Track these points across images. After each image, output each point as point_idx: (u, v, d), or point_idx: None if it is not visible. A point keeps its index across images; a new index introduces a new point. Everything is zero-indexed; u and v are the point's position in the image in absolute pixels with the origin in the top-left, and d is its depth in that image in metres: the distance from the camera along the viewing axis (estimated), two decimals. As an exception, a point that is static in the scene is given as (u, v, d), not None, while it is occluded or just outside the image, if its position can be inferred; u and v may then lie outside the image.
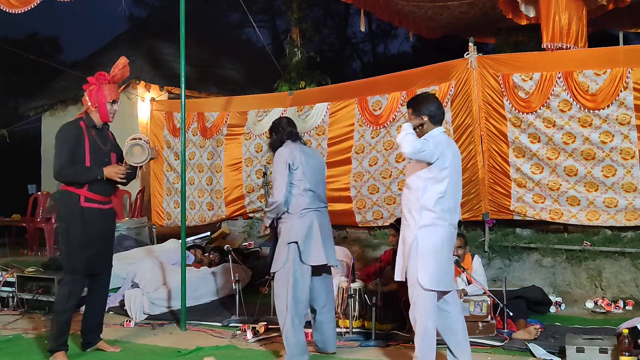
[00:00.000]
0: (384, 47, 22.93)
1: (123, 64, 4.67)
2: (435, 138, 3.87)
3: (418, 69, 7.15)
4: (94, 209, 4.54)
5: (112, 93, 4.62)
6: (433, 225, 3.82)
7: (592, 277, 5.97)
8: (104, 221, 4.62)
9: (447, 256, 3.89)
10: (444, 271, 3.83)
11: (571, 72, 6.15)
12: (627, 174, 6.01)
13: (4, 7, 6.30)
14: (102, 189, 4.57)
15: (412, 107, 4.00)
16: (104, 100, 4.58)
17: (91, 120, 4.64)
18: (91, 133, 4.59)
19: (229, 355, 4.68)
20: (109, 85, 4.63)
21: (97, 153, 4.57)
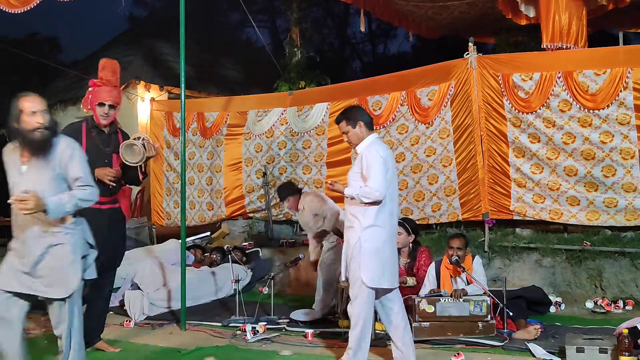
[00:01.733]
0: (384, 47, 22.94)
1: (102, 66, 4.71)
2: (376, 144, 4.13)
3: (418, 69, 7.15)
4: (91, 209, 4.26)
5: (100, 95, 4.59)
6: (375, 226, 4.01)
7: (592, 277, 5.97)
8: (101, 221, 4.45)
9: (389, 255, 4.08)
10: (385, 270, 4.03)
11: (571, 72, 6.16)
12: (627, 174, 6.01)
13: (3, 7, 6.29)
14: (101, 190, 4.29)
15: (346, 118, 4.22)
16: (94, 102, 4.61)
17: (93, 121, 4.65)
18: (91, 134, 4.60)
19: (229, 355, 4.67)
20: (100, 88, 4.63)
21: (95, 154, 4.48)
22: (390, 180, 4.08)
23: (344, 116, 4.25)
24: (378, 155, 4.02)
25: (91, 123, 4.64)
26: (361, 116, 4.22)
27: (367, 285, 3.97)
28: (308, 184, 7.97)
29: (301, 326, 5.39)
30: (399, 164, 7.18)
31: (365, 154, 4.08)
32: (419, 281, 5.56)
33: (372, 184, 3.95)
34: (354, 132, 4.19)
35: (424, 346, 4.70)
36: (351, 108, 4.44)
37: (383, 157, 4.02)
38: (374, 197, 3.95)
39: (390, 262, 4.09)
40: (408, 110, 7.12)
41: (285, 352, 4.65)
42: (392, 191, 4.12)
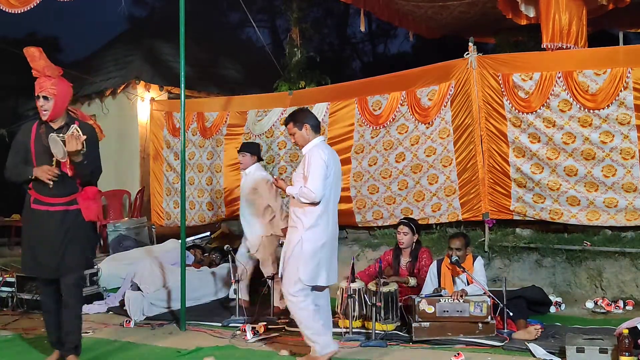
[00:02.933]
0: (384, 47, 22.92)
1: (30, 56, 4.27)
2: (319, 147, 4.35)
3: (418, 69, 7.15)
4: (41, 211, 4.23)
5: (37, 87, 4.22)
6: (317, 227, 4.25)
7: (592, 277, 5.97)
8: (51, 223, 4.20)
9: (327, 255, 4.32)
10: (322, 269, 4.28)
11: (571, 72, 6.15)
12: (627, 174, 6.01)
13: (3, 7, 6.29)
14: (48, 190, 4.19)
15: (293, 120, 4.47)
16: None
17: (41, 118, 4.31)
18: (39, 131, 4.26)
19: (229, 355, 4.67)
20: (36, 81, 4.26)
21: (42, 152, 4.21)
22: (333, 184, 4.32)
23: (292, 118, 4.49)
24: (319, 158, 4.24)
25: (41, 121, 4.29)
26: (308, 119, 4.45)
27: (304, 284, 4.22)
28: (308, 184, 7.96)
29: (301, 326, 5.38)
30: (399, 164, 7.18)
31: (308, 156, 4.31)
32: (420, 282, 5.57)
33: (311, 185, 4.18)
34: (300, 134, 4.43)
35: (424, 346, 4.70)
36: (299, 110, 4.68)
37: (324, 161, 4.23)
38: (311, 198, 4.18)
39: (328, 262, 4.33)
40: (408, 110, 7.11)
41: (285, 352, 4.65)
42: (335, 194, 4.38)
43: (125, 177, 10.79)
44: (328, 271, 4.34)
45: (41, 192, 4.22)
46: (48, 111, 4.21)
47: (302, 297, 4.25)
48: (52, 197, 4.23)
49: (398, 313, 5.18)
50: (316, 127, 4.47)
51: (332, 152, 4.47)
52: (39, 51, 4.26)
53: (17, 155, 4.28)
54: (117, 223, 8.83)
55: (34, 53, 4.24)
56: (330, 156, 4.34)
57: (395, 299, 5.17)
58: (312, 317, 4.26)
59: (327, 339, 4.27)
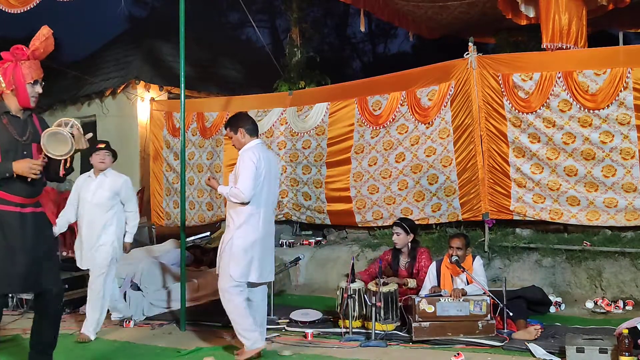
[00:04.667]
0: (384, 47, 22.91)
1: (46, 35, 3.78)
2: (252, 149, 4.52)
3: (418, 69, 7.15)
4: (11, 213, 3.65)
5: (32, 71, 3.74)
6: (247, 225, 4.43)
7: (592, 277, 5.97)
8: (25, 228, 3.68)
9: (258, 253, 4.48)
10: (253, 266, 4.45)
11: (571, 72, 6.15)
12: (627, 174, 6.01)
13: (3, 6, 6.29)
14: (20, 188, 3.68)
15: (229, 125, 4.66)
16: (22, 80, 3.70)
17: (3, 105, 3.76)
18: (2, 121, 3.71)
19: (229, 355, 4.67)
20: (29, 63, 3.74)
21: (11, 145, 3.69)
22: (266, 184, 4.50)
23: (228, 123, 4.69)
24: (249, 160, 4.42)
25: (1, 108, 3.75)
26: (243, 123, 4.63)
27: (235, 280, 4.40)
28: (308, 183, 7.97)
29: (301, 326, 5.39)
30: (399, 164, 7.18)
31: (240, 158, 4.50)
32: (419, 283, 5.57)
33: (240, 185, 4.36)
34: (237, 137, 4.61)
35: (424, 346, 4.70)
36: (235, 115, 4.82)
37: (254, 162, 4.41)
38: (240, 198, 4.37)
39: (260, 259, 4.49)
40: (408, 110, 7.11)
41: (285, 352, 4.65)
42: (267, 194, 4.55)
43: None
44: (260, 268, 4.50)
45: (10, 190, 3.65)
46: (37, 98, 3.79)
47: (235, 293, 4.43)
48: (23, 196, 3.70)
49: (398, 313, 5.18)
50: (252, 130, 4.65)
51: (268, 154, 4.68)
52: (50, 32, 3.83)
53: None
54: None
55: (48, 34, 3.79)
56: (263, 158, 4.51)
57: (395, 299, 5.17)
58: (242, 314, 4.43)
59: (255, 335, 4.44)
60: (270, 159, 4.68)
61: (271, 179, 4.60)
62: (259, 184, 4.44)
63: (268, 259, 4.63)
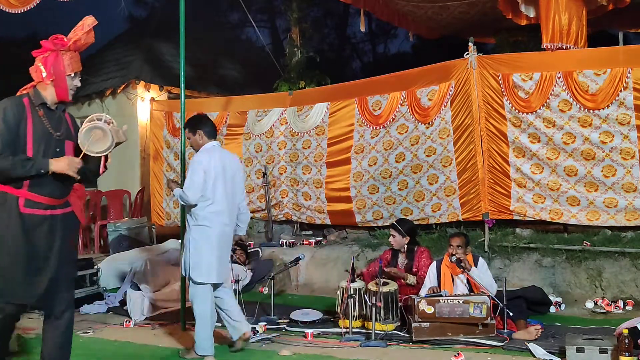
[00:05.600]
0: (384, 47, 22.92)
1: (89, 25, 3.55)
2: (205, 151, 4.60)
3: (418, 69, 7.15)
4: (40, 217, 3.36)
5: (73, 63, 3.51)
6: (202, 226, 4.49)
7: (592, 277, 5.97)
8: (55, 232, 3.43)
9: (217, 253, 4.52)
10: (213, 266, 4.49)
11: (571, 72, 6.15)
12: (627, 174, 6.01)
13: (3, 6, 6.28)
14: (50, 189, 3.41)
15: (188, 127, 4.76)
16: (63, 71, 3.46)
17: (40, 96, 3.47)
18: (38, 113, 3.43)
19: (229, 355, 4.67)
20: (70, 54, 3.50)
21: (44, 140, 3.40)
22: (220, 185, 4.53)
23: (187, 124, 4.80)
24: (196, 162, 4.50)
25: (37, 99, 3.46)
26: (202, 125, 4.69)
27: (196, 280, 4.46)
28: (308, 184, 7.97)
29: (301, 326, 5.39)
30: (399, 164, 7.18)
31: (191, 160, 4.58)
32: (419, 281, 5.57)
33: (184, 188, 4.47)
34: (195, 139, 4.69)
35: (424, 346, 4.70)
36: (195, 117, 4.89)
37: (202, 165, 4.48)
38: (184, 200, 4.48)
39: (219, 259, 4.53)
40: (408, 110, 7.12)
41: (285, 352, 4.65)
42: (223, 194, 4.56)
43: (125, 177, 10.79)
44: (219, 269, 4.55)
45: (41, 190, 3.38)
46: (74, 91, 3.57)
47: (202, 297, 4.50)
48: (55, 197, 3.44)
49: (398, 313, 5.18)
50: (210, 133, 4.71)
51: (223, 155, 4.70)
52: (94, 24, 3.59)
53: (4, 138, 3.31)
54: (117, 223, 8.83)
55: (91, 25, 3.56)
56: (217, 158, 4.56)
57: (395, 299, 5.17)
58: (205, 323, 4.49)
59: (208, 345, 4.49)
60: (226, 159, 4.70)
61: (227, 179, 4.61)
62: (210, 185, 4.49)
63: (225, 259, 4.69)
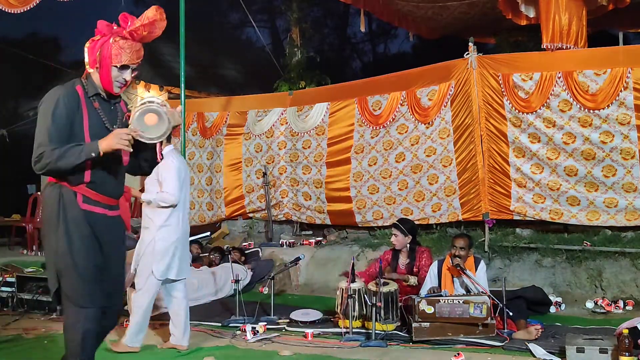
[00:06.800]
0: (384, 47, 22.89)
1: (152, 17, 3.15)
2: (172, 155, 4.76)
3: (418, 69, 7.15)
4: (101, 216, 3.07)
5: (125, 53, 3.10)
6: (168, 226, 4.67)
7: (592, 277, 5.97)
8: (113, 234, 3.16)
9: (179, 251, 4.74)
10: (173, 263, 4.69)
11: (571, 72, 6.16)
12: (627, 174, 6.01)
13: (3, 6, 6.29)
14: (111, 187, 3.14)
15: None
16: (108, 60, 3.07)
17: (94, 86, 3.13)
18: (93, 105, 3.11)
19: (229, 355, 4.67)
20: (122, 43, 3.11)
21: (101, 135, 3.02)
22: (184, 187, 4.75)
23: None
24: (173, 165, 4.67)
25: (91, 88, 3.13)
26: None
27: (157, 278, 4.63)
28: (308, 184, 7.97)
29: (301, 326, 5.39)
30: (399, 164, 7.18)
31: (161, 163, 4.55)
32: (420, 282, 5.57)
33: (168, 190, 4.62)
34: None
35: (424, 346, 4.70)
36: None
37: (177, 167, 4.68)
38: (170, 201, 4.63)
39: (179, 257, 4.74)
40: (408, 110, 7.12)
41: (285, 352, 4.64)
42: (185, 196, 4.80)
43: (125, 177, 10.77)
44: (179, 266, 4.74)
45: (100, 188, 3.08)
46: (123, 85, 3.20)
47: (151, 291, 4.70)
48: (114, 197, 3.16)
49: (398, 313, 5.18)
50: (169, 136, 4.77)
51: (182, 158, 5.00)
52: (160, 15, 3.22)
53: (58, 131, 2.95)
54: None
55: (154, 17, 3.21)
56: (181, 162, 4.83)
57: (395, 299, 5.16)
58: (145, 315, 4.70)
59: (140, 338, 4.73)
60: (184, 162, 4.98)
61: (187, 182, 4.88)
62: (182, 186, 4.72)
63: (185, 256, 4.89)
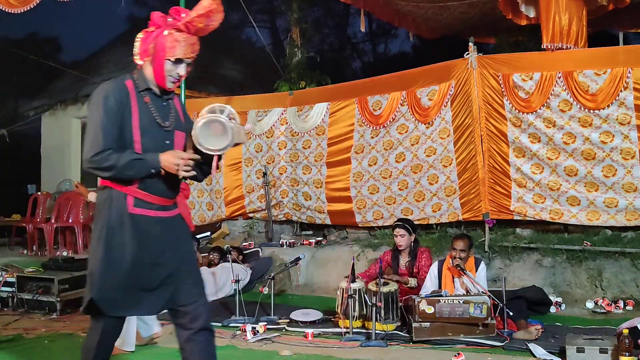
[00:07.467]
0: (384, 47, 22.90)
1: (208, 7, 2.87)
2: None
3: (418, 69, 7.15)
4: (151, 219, 2.92)
5: (179, 47, 2.90)
6: None
7: (592, 277, 5.97)
8: (166, 236, 2.97)
9: None
10: None
11: (571, 72, 6.16)
12: (628, 174, 6.01)
13: (3, 6, 6.28)
14: (164, 187, 2.95)
15: None
16: (161, 53, 2.89)
17: (145, 80, 2.97)
18: (143, 100, 2.95)
19: (229, 355, 4.67)
20: (177, 35, 2.89)
21: (151, 132, 2.93)
22: None
23: None
24: None
25: (142, 83, 2.96)
26: None
27: None
28: (308, 183, 7.97)
29: (301, 326, 5.39)
30: (399, 164, 7.18)
31: None
32: (419, 283, 5.57)
33: None
34: None
35: (425, 346, 4.70)
36: None
37: None
38: None
39: None
40: (408, 110, 7.12)
41: (285, 352, 4.64)
42: None
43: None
44: None
45: (151, 188, 2.91)
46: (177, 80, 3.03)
47: None
48: (167, 197, 2.99)
49: (398, 313, 5.18)
50: None
51: None
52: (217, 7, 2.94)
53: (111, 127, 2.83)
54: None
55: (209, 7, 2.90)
56: None
57: (396, 299, 5.17)
58: None
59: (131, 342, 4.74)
60: None
61: None
62: None
63: None
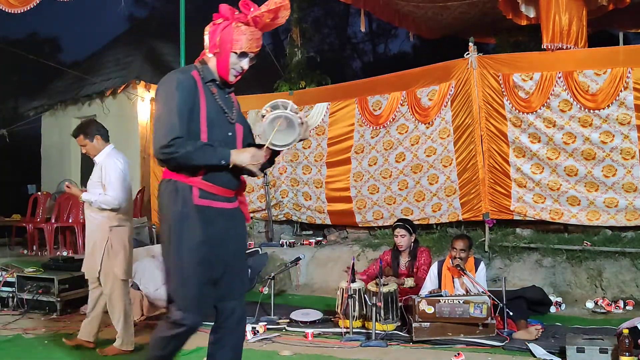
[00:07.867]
0: (384, 47, 22.92)
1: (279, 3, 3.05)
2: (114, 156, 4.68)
3: (418, 69, 7.15)
4: (214, 210, 2.89)
5: (246, 40, 2.94)
6: (120, 226, 4.66)
7: (593, 277, 5.97)
8: (230, 230, 2.96)
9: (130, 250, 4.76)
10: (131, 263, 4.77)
11: (571, 72, 6.16)
12: (628, 174, 6.01)
13: (3, 6, 6.29)
14: (227, 178, 2.93)
15: (84, 132, 4.68)
16: (229, 46, 2.93)
17: (210, 72, 3.00)
18: (210, 90, 2.97)
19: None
20: (244, 29, 2.95)
21: (217, 123, 2.96)
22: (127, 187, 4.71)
23: (81, 131, 4.70)
24: (117, 167, 4.61)
25: (207, 74, 2.98)
26: (97, 130, 4.71)
27: (121, 278, 4.61)
28: (308, 183, 7.97)
29: (301, 326, 5.39)
30: (399, 164, 7.18)
31: (104, 165, 4.62)
32: (418, 282, 5.57)
33: (112, 193, 4.55)
34: (92, 145, 4.68)
35: (424, 346, 4.70)
36: (87, 122, 4.90)
37: (121, 169, 4.63)
38: (112, 205, 4.56)
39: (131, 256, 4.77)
40: (408, 110, 7.12)
41: (285, 352, 4.64)
42: (129, 196, 4.78)
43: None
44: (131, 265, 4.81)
45: (217, 180, 2.90)
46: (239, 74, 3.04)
47: (124, 292, 4.68)
48: (232, 189, 2.98)
49: (398, 313, 5.18)
50: (106, 135, 4.74)
51: (125, 158, 4.83)
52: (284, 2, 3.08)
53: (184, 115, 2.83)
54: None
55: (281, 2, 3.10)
56: (125, 163, 4.74)
57: (396, 299, 5.17)
58: (129, 314, 4.70)
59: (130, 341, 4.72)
60: (127, 161, 4.88)
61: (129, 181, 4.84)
62: (125, 187, 4.67)
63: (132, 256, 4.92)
